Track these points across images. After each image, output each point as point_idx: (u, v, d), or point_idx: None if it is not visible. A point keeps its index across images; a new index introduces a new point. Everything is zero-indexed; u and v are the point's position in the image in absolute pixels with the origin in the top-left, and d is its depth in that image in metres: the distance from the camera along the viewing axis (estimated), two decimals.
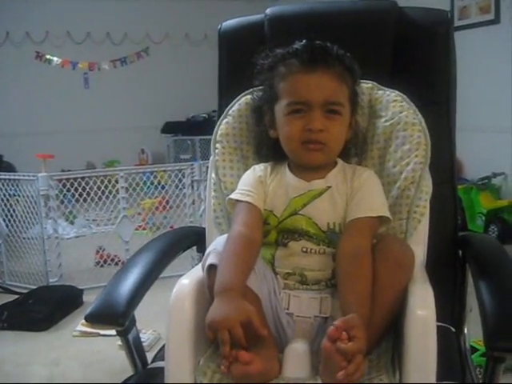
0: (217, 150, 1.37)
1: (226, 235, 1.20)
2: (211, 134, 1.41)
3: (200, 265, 1.19)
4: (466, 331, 1.43)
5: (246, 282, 1.08)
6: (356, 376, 0.94)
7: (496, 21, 4.34)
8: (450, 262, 1.45)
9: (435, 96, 1.47)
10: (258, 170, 1.29)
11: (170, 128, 6.68)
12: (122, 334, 1.17)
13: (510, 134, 4.18)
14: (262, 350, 1.03)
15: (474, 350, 1.95)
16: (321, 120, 1.19)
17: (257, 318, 1.00)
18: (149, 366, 1.24)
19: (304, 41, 1.25)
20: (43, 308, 2.92)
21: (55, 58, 6.44)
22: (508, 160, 4.22)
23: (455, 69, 1.48)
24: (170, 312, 1.07)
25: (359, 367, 0.94)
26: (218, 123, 1.41)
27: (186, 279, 1.12)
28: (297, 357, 1.06)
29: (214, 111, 6.25)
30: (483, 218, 3.98)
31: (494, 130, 4.32)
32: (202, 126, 6.37)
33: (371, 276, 1.07)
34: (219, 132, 1.39)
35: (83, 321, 2.75)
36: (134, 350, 1.20)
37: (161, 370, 1.09)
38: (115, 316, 1.11)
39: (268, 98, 1.28)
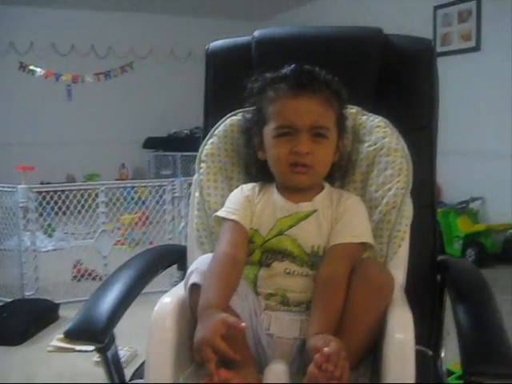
0: (201, 170, 1.38)
1: (208, 254, 1.22)
2: (193, 151, 1.42)
3: (181, 283, 1.19)
4: (442, 355, 1.44)
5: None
6: None
7: (477, 48, 4.44)
8: (429, 286, 1.46)
9: (418, 121, 1.49)
10: (246, 189, 1.31)
11: (151, 143, 6.68)
12: (101, 351, 1.16)
13: (489, 158, 4.24)
14: (242, 370, 1.04)
15: (450, 373, 1.97)
16: (307, 143, 1.21)
17: (231, 318, 1.01)
18: None
19: (293, 65, 1.27)
20: (18, 322, 2.88)
21: (39, 69, 6.43)
22: (486, 185, 4.28)
23: (438, 95, 1.51)
24: (150, 330, 1.07)
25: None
26: (204, 143, 1.42)
27: (168, 298, 1.12)
28: (276, 377, 1.05)
29: (196, 128, 6.33)
30: (460, 241, 4.03)
31: (472, 154, 4.39)
32: (183, 143, 6.40)
33: (342, 299, 1.10)
34: (204, 151, 1.40)
35: (59, 336, 2.73)
36: (113, 367, 1.19)
37: None
38: (95, 333, 1.10)
39: (257, 120, 1.30)
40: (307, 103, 1.22)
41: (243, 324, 1.01)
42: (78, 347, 2.57)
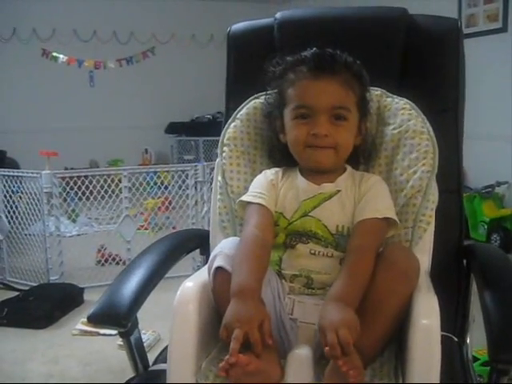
0: (224, 154, 1.37)
1: (231, 238, 1.22)
2: (215, 136, 1.41)
3: (204, 268, 1.19)
4: (468, 341, 1.42)
5: None
6: None
7: (503, 29, 4.34)
8: (455, 272, 1.44)
9: (444, 104, 1.46)
10: (269, 173, 1.30)
11: (173, 128, 6.68)
12: (124, 336, 1.17)
13: None
14: (263, 354, 1.02)
15: (474, 359, 1.94)
16: (326, 125, 1.21)
17: (269, 325, 1.01)
18: (150, 368, 1.23)
19: (314, 48, 1.26)
20: (43, 305, 2.92)
21: (61, 56, 6.43)
22: None
23: (464, 77, 1.48)
24: (173, 315, 1.06)
25: None
26: (226, 126, 1.41)
27: (191, 282, 1.12)
28: (300, 363, 1.05)
29: (218, 112, 6.31)
30: (486, 226, 3.98)
31: (498, 138, 4.32)
32: (206, 127, 6.40)
33: (369, 268, 1.08)
34: (227, 135, 1.39)
35: (83, 319, 2.76)
36: (136, 351, 1.20)
37: (163, 372, 1.09)
38: (118, 317, 1.11)
39: (278, 103, 1.30)
40: (326, 85, 1.21)
41: (270, 343, 1.01)
42: (102, 331, 2.60)
